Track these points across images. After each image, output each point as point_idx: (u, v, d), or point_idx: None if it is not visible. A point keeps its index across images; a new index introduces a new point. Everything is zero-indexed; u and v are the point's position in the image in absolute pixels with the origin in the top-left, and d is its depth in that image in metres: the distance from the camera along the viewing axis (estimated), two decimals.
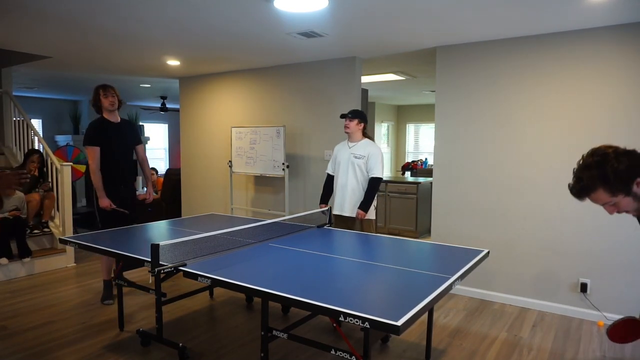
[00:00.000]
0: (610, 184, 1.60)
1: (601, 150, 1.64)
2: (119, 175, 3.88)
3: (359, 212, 3.66)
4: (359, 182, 3.74)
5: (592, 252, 3.63)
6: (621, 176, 1.58)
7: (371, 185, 3.69)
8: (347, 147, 3.82)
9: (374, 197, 3.70)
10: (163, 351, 3.01)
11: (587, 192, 1.66)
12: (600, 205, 1.68)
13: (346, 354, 2.05)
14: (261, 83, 5.56)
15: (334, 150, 3.96)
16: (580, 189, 1.66)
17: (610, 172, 1.59)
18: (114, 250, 2.79)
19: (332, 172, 3.96)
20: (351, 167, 3.74)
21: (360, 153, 3.72)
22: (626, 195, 1.61)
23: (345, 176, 3.77)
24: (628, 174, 1.59)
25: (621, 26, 3.42)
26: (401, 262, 2.52)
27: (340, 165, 3.82)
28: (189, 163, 6.49)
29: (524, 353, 3.05)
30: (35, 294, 4.16)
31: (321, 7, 3.11)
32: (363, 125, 3.78)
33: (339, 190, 3.83)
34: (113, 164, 3.82)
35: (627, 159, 1.59)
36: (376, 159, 3.69)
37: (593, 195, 1.65)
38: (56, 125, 9.97)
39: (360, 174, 3.73)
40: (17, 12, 3.28)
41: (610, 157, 1.60)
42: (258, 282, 2.11)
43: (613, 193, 1.62)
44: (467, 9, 3.13)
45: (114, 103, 3.78)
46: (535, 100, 3.80)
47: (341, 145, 3.92)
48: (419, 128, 10.93)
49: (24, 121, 5.91)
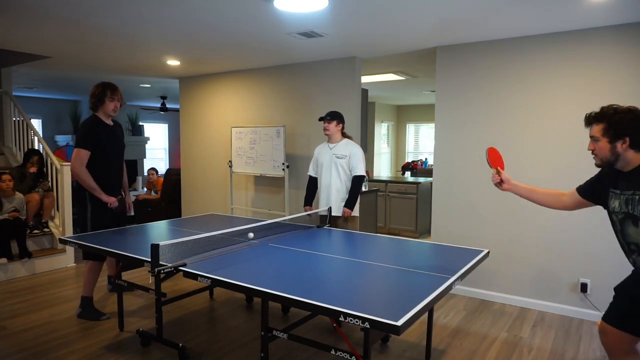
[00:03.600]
0: (610, 125, 1.88)
1: (634, 107, 1.90)
2: (117, 180, 3.67)
3: (345, 210, 3.76)
4: (342, 181, 3.83)
5: (592, 252, 3.63)
6: (620, 126, 1.86)
7: (355, 184, 3.79)
8: (328, 148, 3.90)
9: (358, 195, 3.81)
10: (163, 351, 3.01)
11: (595, 120, 1.94)
12: (590, 137, 1.98)
13: (346, 354, 2.05)
14: (261, 83, 5.56)
15: (315, 153, 4.03)
16: (594, 115, 1.95)
17: (617, 118, 1.86)
18: (114, 250, 2.79)
19: (314, 174, 4.03)
20: (334, 167, 3.82)
21: (342, 153, 3.81)
22: (609, 142, 1.90)
23: (329, 176, 3.85)
24: (625, 130, 1.85)
25: (621, 26, 3.42)
26: (401, 262, 2.51)
27: (322, 167, 3.90)
28: (189, 163, 6.49)
29: (524, 353, 3.05)
30: (35, 294, 4.16)
31: (321, 7, 3.11)
32: (341, 126, 3.89)
33: (323, 191, 3.90)
34: (108, 168, 3.57)
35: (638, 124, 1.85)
36: (358, 158, 3.80)
37: (594, 125, 1.94)
38: (56, 125, 9.98)
39: (343, 174, 3.82)
40: (17, 12, 3.28)
41: (631, 112, 1.87)
42: (258, 282, 2.11)
43: (604, 133, 1.90)
44: (467, 9, 3.13)
45: (117, 110, 3.55)
46: (535, 100, 3.80)
47: (321, 147, 3.99)
48: (419, 128, 10.93)
49: (24, 121, 5.91)
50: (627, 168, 1.91)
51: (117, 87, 3.57)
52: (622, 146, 1.87)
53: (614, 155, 1.90)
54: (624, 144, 1.86)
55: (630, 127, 1.84)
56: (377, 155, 10.02)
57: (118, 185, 3.72)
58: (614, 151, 1.89)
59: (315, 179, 4.00)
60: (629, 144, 1.85)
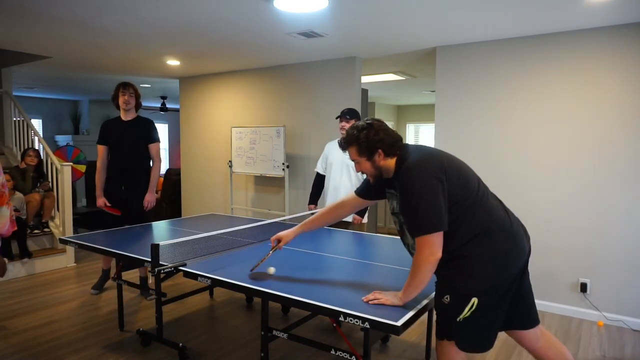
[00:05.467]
0: (361, 146, 1.91)
1: (372, 120, 1.96)
2: (119, 174, 3.85)
3: (356, 217, 3.65)
4: (352, 184, 3.66)
5: (592, 252, 3.63)
6: (369, 144, 1.89)
7: None
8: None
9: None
10: (163, 351, 3.02)
11: (347, 145, 1.98)
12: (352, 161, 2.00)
13: (346, 354, 2.05)
14: (261, 83, 5.56)
15: (325, 150, 3.88)
16: (344, 141, 1.99)
17: (363, 137, 1.89)
18: (114, 250, 2.79)
19: (322, 172, 3.85)
20: (345, 169, 3.68)
21: None
22: (367, 160, 1.93)
23: (339, 178, 3.70)
24: (375, 145, 1.89)
25: (621, 26, 3.42)
26: (401, 262, 2.52)
27: (332, 167, 3.74)
28: (189, 163, 6.49)
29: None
30: (35, 294, 4.16)
31: (321, 7, 3.11)
32: None
33: (331, 192, 3.74)
34: (113, 162, 3.84)
35: (382, 134, 1.89)
36: None
37: (349, 149, 1.98)
38: (56, 125, 9.97)
39: (354, 176, 3.68)
40: (17, 12, 3.28)
41: (372, 127, 1.91)
42: (258, 282, 2.11)
43: (360, 154, 1.94)
44: (467, 9, 3.13)
45: (128, 102, 3.76)
46: (535, 100, 3.80)
47: (333, 144, 3.81)
48: (419, 128, 10.93)
49: (24, 121, 5.91)
50: (391, 174, 1.94)
51: (131, 84, 3.83)
52: (379, 158, 1.91)
53: (377, 170, 1.94)
54: (380, 156, 1.90)
55: (376, 140, 1.88)
56: None
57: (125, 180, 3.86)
58: (375, 165, 1.93)
59: (323, 177, 3.84)
60: (384, 155, 1.90)
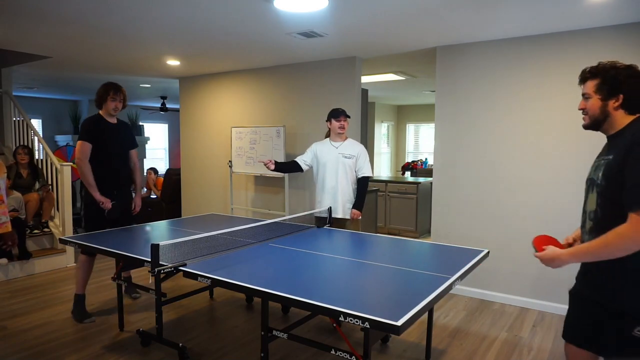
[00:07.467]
0: (605, 82, 1.72)
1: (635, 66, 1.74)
2: (113, 180, 3.64)
3: (355, 212, 3.67)
4: (349, 182, 3.70)
5: None
6: (614, 83, 1.69)
7: (364, 185, 3.71)
8: (333, 147, 3.72)
9: (365, 196, 3.74)
10: (163, 351, 3.01)
11: (590, 76, 1.77)
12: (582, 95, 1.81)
13: (346, 354, 2.05)
14: (261, 83, 5.56)
15: (314, 149, 3.81)
16: (589, 69, 1.78)
17: (613, 74, 1.70)
18: (114, 250, 2.79)
19: (303, 166, 3.81)
20: (341, 167, 3.67)
21: (349, 153, 3.69)
22: (601, 100, 1.73)
23: (335, 177, 3.68)
24: (620, 87, 1.69)
25: (621, 26, 3.42)
26: (401, 262, 2.51)
27: (326, 167, 3.71)
28: (189, 163, 6.49)
29: (524, 353, 3.05)
30: (35, 294, 4.16)
31: (321, 7, 3.11)
32: None
33: (327, 192, 3.72)
34: (107, 166, 3.58)
35: (635, 85, 1.69)
36: (365, 158, 3.73)
37: (588, 81, 1.77)
38: (56, 125, 9.98)
39: (350, 174, 3.70)
40: (17, 12, 3.28)
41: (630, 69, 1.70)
42: (258, 282, 2.11)
43: (597, 90, 1.73)
44: (468, 9, 3.13)
45: (118, 109, 3.61)
46: (535, 100, 3.80)
47: (322, 144, 3.79)
48: (419, 128, 10.93)
49: (24, 121, 5.91)
50: (610, 131, 1.75)
51: (121, 88, 3.64)
52: (614, 104, 1.70)
53: (603, 115, 1.73)
54: (616, 102, 1.69)
55: (625, 84, 1.67)
56: (377, 155, 10.02)
57: (119, 185, 3.68)
58: (604, 109, 1.72)
59: (299, 165, 3.80)
60: (621, 103, 1.69)
